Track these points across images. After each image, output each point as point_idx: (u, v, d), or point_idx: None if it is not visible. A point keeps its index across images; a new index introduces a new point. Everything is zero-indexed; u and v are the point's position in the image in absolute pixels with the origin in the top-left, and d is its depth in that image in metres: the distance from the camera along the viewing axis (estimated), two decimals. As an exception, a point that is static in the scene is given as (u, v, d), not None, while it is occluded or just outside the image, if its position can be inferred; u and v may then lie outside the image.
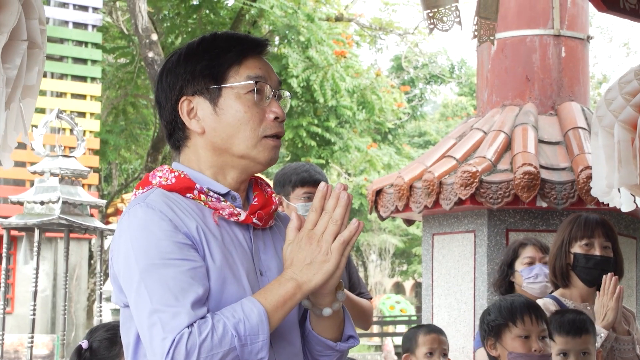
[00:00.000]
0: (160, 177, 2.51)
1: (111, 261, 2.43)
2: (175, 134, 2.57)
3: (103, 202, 5.76)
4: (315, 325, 2.55)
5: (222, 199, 2.50)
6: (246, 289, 2.42)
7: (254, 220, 2.52)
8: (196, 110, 2.52)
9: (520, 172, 7.05)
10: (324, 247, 2.34)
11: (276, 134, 2.55)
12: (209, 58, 2.52)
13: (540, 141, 7.55)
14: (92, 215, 5.59)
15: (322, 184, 2.38)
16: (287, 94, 2.64)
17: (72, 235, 6.25)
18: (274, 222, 2.63)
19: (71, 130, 6.82)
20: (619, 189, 5.05)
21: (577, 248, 4.54)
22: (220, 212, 2.47)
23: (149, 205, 2.38)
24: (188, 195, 2.47)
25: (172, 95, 2.55)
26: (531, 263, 4.93)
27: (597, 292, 4.41)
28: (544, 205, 7.15)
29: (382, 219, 8.35)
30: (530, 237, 5.42)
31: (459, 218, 7.64)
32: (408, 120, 30.85)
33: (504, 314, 3.75)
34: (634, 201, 5.16)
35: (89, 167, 6.77)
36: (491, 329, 3.79)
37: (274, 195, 2.65)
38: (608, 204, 5.29)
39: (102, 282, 6.02)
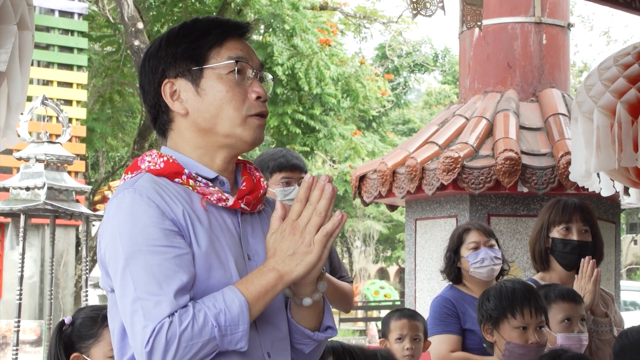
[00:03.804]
0: (149, 161, 2.50)
1: (99, 246, 2.43)
2: (159, 117, 2.57)
3: (88, 187, 5.74)
4: (295, 314, 2.55)
5: (210, 184, 2.49)
6: (233, 275, 2.41)
7: (242, 206, 2.52)
8: (179, 92, 2.52)
9: (502, 157, 7.06)
10: (307, 239, 2.33)
11: (260, 112, 2.54)
12: (190, 41, 2.52)
13: (522, 127, 7.56)
14: (77, 201, 5.57)
15: (307, 175, 2.37)
16: (270, 76, 2.63)
17: (59, 222, 6.24)
18: (262, 207, 2.63)
19: (57, 118, 6.79)
20: (598, 174, 5.06)
21: (556, 233, 4.56)
22: (209, 197, 2.47)
23: (137, 191, 2.38)
24: (176, 180, 2.46)
25: (154, 78, 2.55)
26: (476, 248, 4.89)
27: (576, 276, 4.42)
28: (525, 190, 7.16)
29: (366, 204, 8.35)
30: (473, 221, 5.42)
31: (441, 203, 7.65)
32: (392, 108, 30.82)
33: (504, 304, 3.76)
34: (613, 186, 5.18)
35: (76, 155, 6.75)
36: (489, 316, 3.80)
37: (262, 179, 2.64)
38: (588, 189, 5.30)
39: (88, 269, 6.00)
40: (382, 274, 45.82)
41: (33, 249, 15.13)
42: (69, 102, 16.82)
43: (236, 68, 2.51)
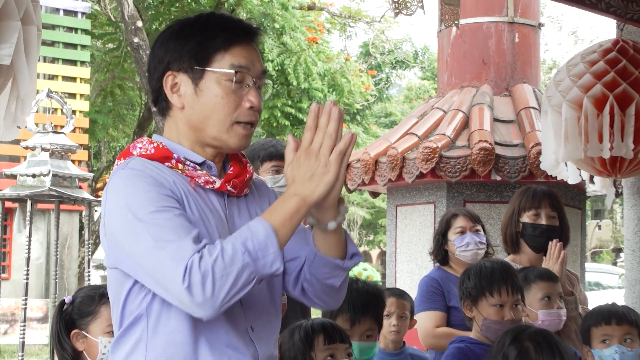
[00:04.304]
0: (141, 147, 2.49)
1: (102, 226, 2.40)
2: (159, 102, 2.55)
3: (90, 175, 5.72)
4: (321, 246, 2.48)
5: (198, 167, 2.48)
6: None
7: (229, 188, 2.50)
8: (179, 86, 2.49)
9: (477, 148, 7.06)
10: (322, 160, 2.29)
11: (249, 121, 2.50)
12: (198, 40, 2.48)
13: (495, 120, 7.57)
14: (80, 188, 5.56)
15: (313, 104, 2.33)
16: (269, 82, 2.60)
17: (63, 207, 6.21)
18: (248, 190, 2.60)
19: (61, 110, 6.76)
20: (566, 163, 5.07)
21: (526, 218, 4.56)
22: (197, 179, 2.45)
23: (131, 168, 2.38)
24: (166, 164, 2.44)
25: (159, 67, 2.52)
26: (462, 232, 4.90)
27: (544, 258, 4.44)
28: (498, 178, 7.18)
29: (350, 191, 8.35)
30: (461, 208, 5.43)
31: (420, 190, 7.65)
32: (375, 102, 30.79)
33: (483, 283, 3.76)
34: (580, 174, 5.19)
35: (79, 145, 6.72)
36: (469, 294, 3.80)
37: (249, 164, 2.62)
38: (556, 177, 5.31)
39: (90, 251, 5.99)
40: (365, 257, 45.86)
41: (39, 233, 15.10)
42: (72, 96, 16.78)
43: (235, 78, 2.46)
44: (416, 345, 4.96)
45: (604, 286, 19.10)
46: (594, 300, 4.76)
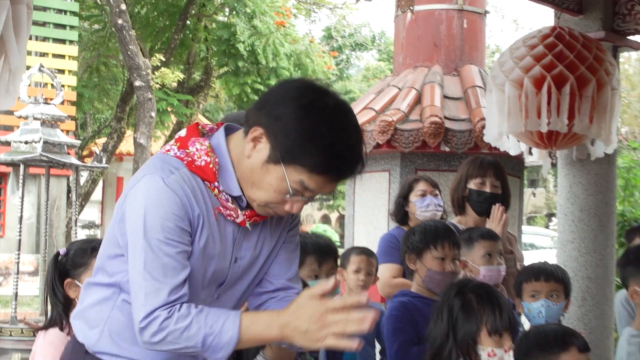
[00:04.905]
0: (195, 151, 2.32)
1: (123, 206, 2.32)
2: (248, 121, 2.32)
3: (78, 142, 5.68)
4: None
5: (230, 199, 2.34)
6: (208, 271, 2.35)
7: (247, 225, 2.39)
8: (258, 144, 2.27)
9: (428, 122, 7.08)
10: (323, 333, 2.14)
11: (276, 213, 2.37)
12: (302, 142, 2.20)
13: (445, 97, 7.58)
14: (68, 154, 5.51)
15: (365, 297, 2.15)
16: (316, 197, 2.35)
17: (52, 172, 6.15)
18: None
19: (52, 85, 6.70)
20: (507, 136, 5.10)
21: (472, 185, 4.58)
22: (222, 210, 2.34)
23: (169, 185, 2.24)
24: (206, 182, 2.31)
25: (261, 116, 2.27)
26: (423, 195, 4.94)
27: (487, 220, 4.47)
28: (447, 149, 7.20)
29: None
30: (422, 174, 5.45)
31: (376, 160, 7.66)
32: (336, 81, 30.80)
33: (428, 237, 3.78)
34: (519, 146, 5.22)
35: (68, 115, 6.64)
36: (414, 248, 3.81)
37: None
38: (499, 149, 5.34)
39: (77, 212, 5.93)
40: (325, 220, 45.89)
41: (31, 195, 14.96)
42: (61, 71, 16.57)
43: (291, 192, 2.27)
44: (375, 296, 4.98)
45: (538, 247, 19.34)
46: (529, 259, 4.81)
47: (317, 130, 2.18)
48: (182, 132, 2.39)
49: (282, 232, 2.54)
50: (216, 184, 2.31)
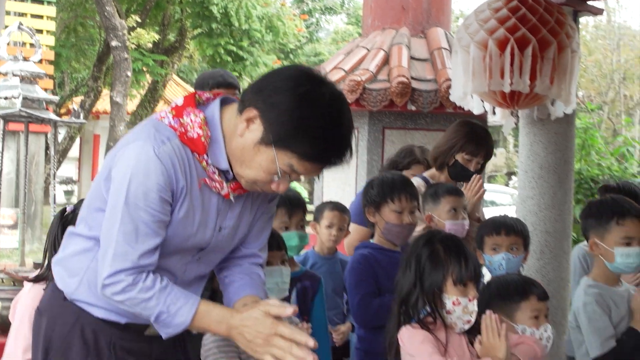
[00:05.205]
0: (189, 122, 2.28)
1: (114, 157, 2.30)
2: (245, 98, 2.29)
3: (56, 98, 5.57)
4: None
5: (217, 172, 2.32)
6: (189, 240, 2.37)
7: (231, 198, 2.37)
8: (251, 124, 2.24)
9: (395, 82, 7.05)
10: (263, 350, 2.22)
11: (262, 190, 2.36)
12: (297, 129, 2.18)
13: (412, 58, 7.54)
14: (47, 110, 5.42)
15: (312, 343, 2.19)
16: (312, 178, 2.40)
17: (31, 128, 6.05)
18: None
19: (31, 44, 6.58)
20: (472, 96, 5.09)
21: (460, 157, 4.51)
22: (208, 182, 2.32)
23: (158, 155, 2.22)
24: (195, 154, 2.28)
25: (257, 100, 2.23)
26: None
27: (465, 185, 4.45)
28: (414, 108, 7.19)
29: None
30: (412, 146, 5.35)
31: (346, 118, 7.61)
32: (306, 43, 30.65)
33: (385, 190, 3.76)
34: (483, 106, 5.22)
35: (46, 74, 6.53)
36: (372, 201, 3.80)
37: None
38: (463, 108, 5.33)
39: (55, 168, 5.86)
40: (295, 177, 45.94)
41: (10, 151, 14.77)
42: (40, 32, 16.27)
43: (279, 173, 2.26)
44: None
45: (498, 204, 19.53)
46: (488, 213, 4.83)
47: (311, 120, 2.18)
48: (179, 101, 2.36)
49: (262, 202, 2.54)
50: (205, 156, 2.29)
